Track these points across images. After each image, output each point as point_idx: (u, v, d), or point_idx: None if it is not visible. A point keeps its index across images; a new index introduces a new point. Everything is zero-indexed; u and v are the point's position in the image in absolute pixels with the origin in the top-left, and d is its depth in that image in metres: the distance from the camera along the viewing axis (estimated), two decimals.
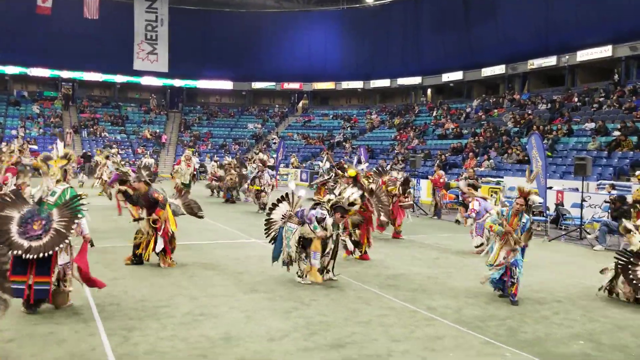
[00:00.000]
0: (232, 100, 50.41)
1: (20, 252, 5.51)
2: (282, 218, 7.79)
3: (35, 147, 30.65)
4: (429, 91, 42.90)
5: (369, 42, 43.47)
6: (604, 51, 28.76)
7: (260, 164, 17.22)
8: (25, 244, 5.57)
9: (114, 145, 34.03)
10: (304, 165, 34.28)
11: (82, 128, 40.31)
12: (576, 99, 27.74)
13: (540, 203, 7.82)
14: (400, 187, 12.25)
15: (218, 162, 23.49)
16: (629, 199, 11.10)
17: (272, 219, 7.91)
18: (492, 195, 17.56)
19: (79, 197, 5.92)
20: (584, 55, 29.80)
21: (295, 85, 47.69)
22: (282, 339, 5.29)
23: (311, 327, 5.66)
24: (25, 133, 36.08)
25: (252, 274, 8.03)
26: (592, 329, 6.06)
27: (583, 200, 13.25)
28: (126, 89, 47.55)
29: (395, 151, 31.61)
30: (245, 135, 43.65)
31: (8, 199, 5.89)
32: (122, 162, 17.19)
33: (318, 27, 45.30)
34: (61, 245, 5.72)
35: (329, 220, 7.47)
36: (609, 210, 12.47)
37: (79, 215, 5.80)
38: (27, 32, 39.16)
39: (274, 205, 7.95)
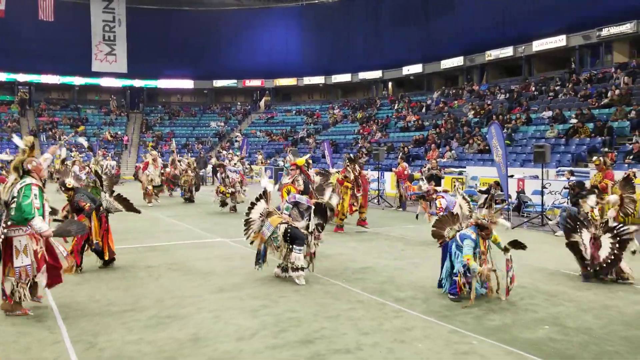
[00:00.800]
0: (193, 99, 49.85)
1: None
2: (260, 216, 7.68)
3: None
4: (390, 84, 43.23)
5: (330, 38, 43.55)
6: (559, 41, 29.49)
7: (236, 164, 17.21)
8: None
9: (73, 149, 33.23)
10: (269, 162, 34.14)
11: (40, 132, 39.22)
12: (533, 88, 28.37)
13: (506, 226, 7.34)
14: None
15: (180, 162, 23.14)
16: (587, 184, 11.41)
17: (250, 218, 7.74)
18: (454, 185, 17.87)
19: None
20: (540, 45, 30.50)
21: (257, 82, 47.46)
22: (251, 338, 5.25)
23: (280, 324, 5.63)
24: None
25: (219, 274, 7.95)
26: (557, 312, 6.19)
27: (543, 187, 13.56)
28: (85, 91, 46.54)
29: (359, 145, 31.75)
30: (208, 134, 43.23)
31: None
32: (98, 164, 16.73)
33: (278, 23, 45.16)
34: None
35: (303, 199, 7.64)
36: (568, 197, 12.78)
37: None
38: None
39: (252, 205, 7.80)
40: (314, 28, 44.55)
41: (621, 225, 7.71)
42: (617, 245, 7.44)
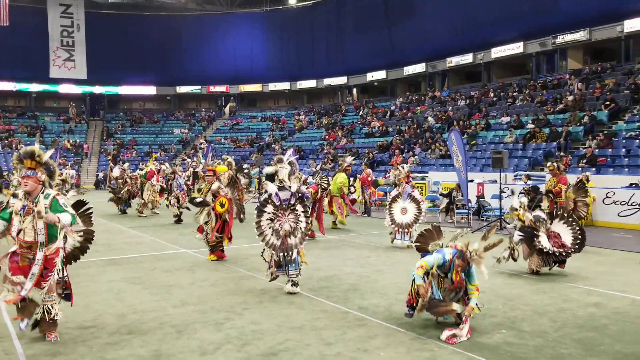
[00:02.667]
0: (156, 105, 49.24)
1: None
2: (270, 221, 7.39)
3: None
4: (354, 90, 43.60)
5: (294, 44, 43.70)
6: (516, 48, 30.30)
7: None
8: None
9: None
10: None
11: None
12: (492, 94, 29.04)
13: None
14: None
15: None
16: (542, 188, 11.75)
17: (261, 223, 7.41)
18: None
19: None
20: (498, 52, 31.27)
21: (221, 88, 47.21)
22: (215, 352, 5.24)
23: (244, 337, 5.64)
24: None
25: (182, 286, 7.89)
26: (514, 316, 6.36)
27: (502, 191, 13.90)
28: (43, 98, 45.49)
29: (325, 151, 31.91)
30: (171, 141, 42.73)
31: None
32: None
33: (242, 29, 45.05)
34: None
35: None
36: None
37: None
38: None
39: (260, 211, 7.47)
40: (278, 34, 44.63)
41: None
42: (572, 222, 8.49)
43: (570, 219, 8.67)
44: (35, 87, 43.58)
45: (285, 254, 7.32)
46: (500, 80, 31.37)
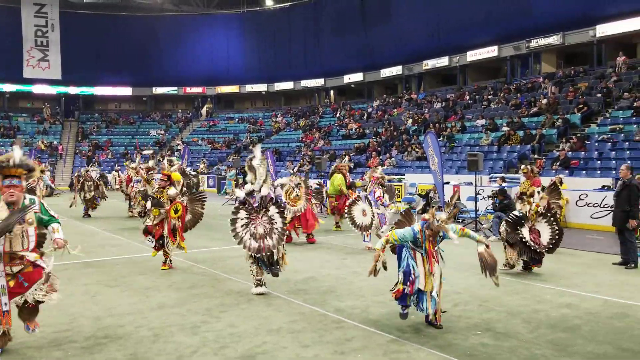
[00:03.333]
0: (132, 106, 48.72)
1: None
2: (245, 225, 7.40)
3: None
4: (331, 92, 43.70)
5: (272, 45, 43.64)
6: (491, 51, 30.70)
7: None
8: None
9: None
10: (210, 170, 33.79)
11: None
12: (468, 97, 29.39)
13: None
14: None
15: (119, 172, 22.41)
16: (516, 190, 11.91)
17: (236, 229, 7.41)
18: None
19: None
20: (473, 55, 31.65)
21: (198, 90, 46.92)
22: (192, 356, 5.22)
23: (221, 341, 5.63)
24: None
25: (159, 289, 7.85)
26: (489, 318, 6.46)
27: (477, 193, 14.08)
28: (16, 98, 44.67)
29: (302, 153, 31.92)
30: (148, 142, 42.30)
31: None
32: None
33: (219, 30, 44.87)
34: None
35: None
36: (495, 203, 13.25)
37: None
38: None
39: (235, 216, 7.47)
40: (255, 35, 44.53)
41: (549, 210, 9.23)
42: (554, 222, 8.95)
43: (553, 220, 9.06)
44: (8, 87, 42.77)
45: (267, 255, 7.33)
46: (476, 83, 31.76)
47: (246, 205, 7.42)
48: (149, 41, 44.00)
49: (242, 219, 7.33)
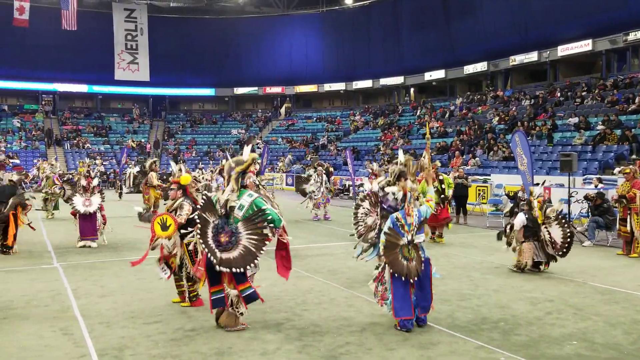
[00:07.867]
0: (214, 106, 50.27)
1: (213, 259, 5.59)
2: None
3: (17, 161, 30.21)
4: (411, 90, 43.02)
5: (350, 44, 43.56)
6: (584, 45, 29.02)
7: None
8: (218, 253, 5.64)
9: (98, 157, 33.93)
10: (290, 168, 34.22)
11: (64, 140, 39.89)
12: (559, 94, 27.95)
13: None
14: None
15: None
16: (614, 193, 11.16)
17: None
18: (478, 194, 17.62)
19: (262, 212, 5.77)
20: (565, 50, 30.05)
21: (277, 89, 47.65)
22: (275, 352, 5.20)
23: (304, 339, 5.57)
24: (7, 147, 35.67)
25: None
26: (585, 327, 6.04)
27: (570, 195, 13.30)
28: (108, 100, 47.27)
29: (381, 152, 31.63)
30: (229, 141, 43.47)
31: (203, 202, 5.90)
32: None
33: (298, 30, 45.35)
34: (252, 265, 5.73)
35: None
36: (590, 206, 12.40)
37: (269, 235, 5.78)
38: (4, 45, 38.85)
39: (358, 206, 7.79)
40: (334, 34, 44.63)
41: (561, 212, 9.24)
42: (566, 226, 8.77)
43: (564, 223, 8.89)
44: (101, 89, 45.32)
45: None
46: (568, 79, 30.17)
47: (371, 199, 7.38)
48: (231, 43, 45.18)
49: (364, 208, 7.49)
